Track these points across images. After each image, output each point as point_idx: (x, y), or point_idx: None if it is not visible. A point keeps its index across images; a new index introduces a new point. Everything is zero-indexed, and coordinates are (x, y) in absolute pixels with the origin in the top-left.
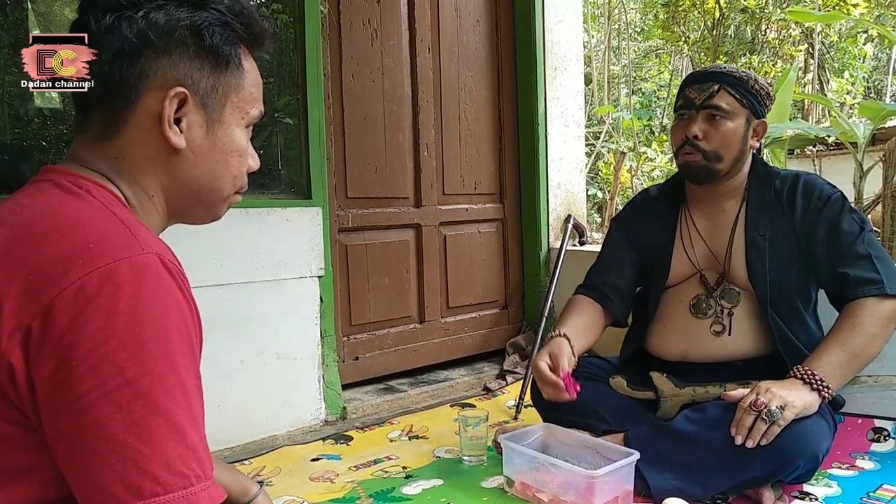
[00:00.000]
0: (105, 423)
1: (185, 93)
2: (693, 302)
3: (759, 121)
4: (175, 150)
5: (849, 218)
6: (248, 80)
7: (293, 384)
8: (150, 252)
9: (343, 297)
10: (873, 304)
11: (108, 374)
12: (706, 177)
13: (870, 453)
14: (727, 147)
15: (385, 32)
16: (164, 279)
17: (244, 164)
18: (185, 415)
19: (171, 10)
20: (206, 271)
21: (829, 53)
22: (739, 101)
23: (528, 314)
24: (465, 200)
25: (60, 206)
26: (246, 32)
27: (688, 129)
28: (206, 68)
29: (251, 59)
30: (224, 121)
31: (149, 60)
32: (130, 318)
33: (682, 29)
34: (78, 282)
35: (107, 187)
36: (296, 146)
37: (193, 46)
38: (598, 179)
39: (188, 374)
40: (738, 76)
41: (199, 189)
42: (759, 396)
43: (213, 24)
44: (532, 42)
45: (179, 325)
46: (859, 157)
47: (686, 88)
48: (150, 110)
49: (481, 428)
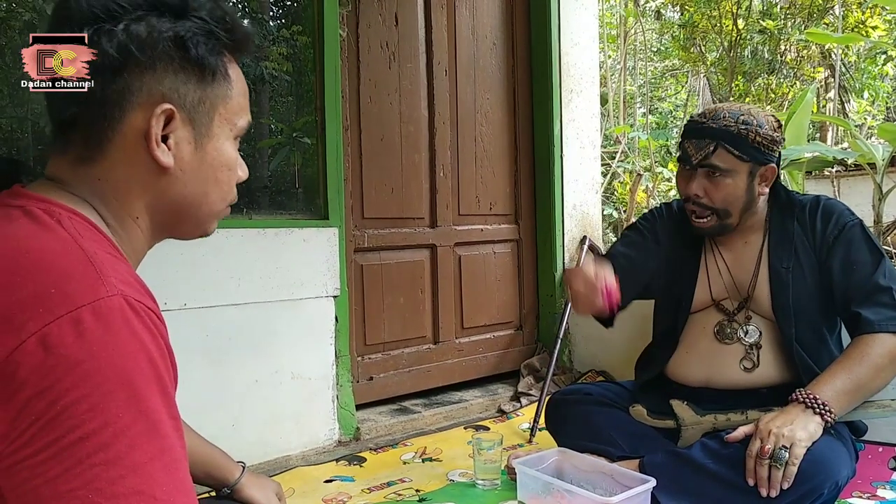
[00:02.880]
0: (64, 479)
1: (172, 109)
2: (717, 328)
3: (764, 167)
4: (163, 169)
5: (865, 248)
6: (235, 89)
7: (307, 404)
8: (114, 294)
9: (358, 317)
10: (885, 338)
11: (67, 429)
12: (720, 233)
13: (891, 482)
14: (731, 202)
15: (402, 55)
16: (130, 321)
17: (234, 178)
18: (156, 461)
19: (152, 22)
20: (224, 291)
21: (848, 73)
22: (739, 158)
23: (542, 335)
24: (480, 221)
25: (26, 241)
26: (230, 39)
27: (688, 188)
28: (193, 81)
29: (236, 65)
30: (212, 134)
31: (132, 76)
32: (92, 367)
33: (701, 49)
34: (38, 333)
35: (81, 214)
36: (313, 166)
37: (178, 59)
38: (613, 199)
39: (160, 417)
40: (735, 133)
41: (189, 206)
42: (763, 443)
43: (197, 34)
44: (548, 65)
45: (146, 369)
46: (878, 178)
47: (685, 141)
48: (135, 129)
49: (495, 451)
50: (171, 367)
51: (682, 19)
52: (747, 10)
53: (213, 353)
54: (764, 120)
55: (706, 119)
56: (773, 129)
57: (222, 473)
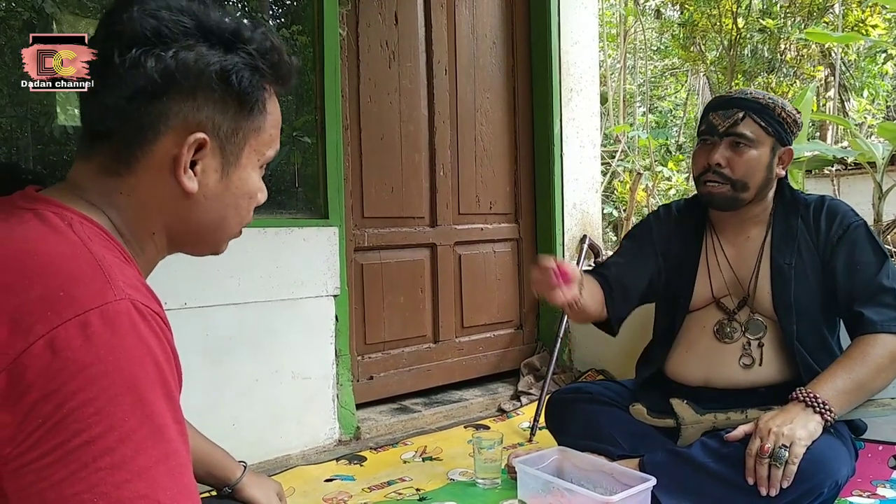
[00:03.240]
0: (69, 482)
1: (205, 138)
2: (717, 327)
3: (784, 148)
4: (187, 193)
5: (869, 248)
6: (269, 121)
7: (308, 403)
8: (122, 298)
9: (358, 317)
10: (887, 339)
11: (73, 432)
12: (730, 206)
13: (891, 481)
14: (751, 176)
15: (402, 54)
16: (137, 325)
17: (253, 204)
18: (160, 466)
19: (202, 51)
20: (225, 290)
21: (848, 72)
22: (765, 130)
23: (542, 335)
24: (480, 220)
25: (35, 243)
26: (274, 74)
27: (710, 157)
28: (230, 113)
29: (275, 98)
30: (241, 164)
31: (172, 101)
32: (99, 371)
33: (700, 48)
34: (46, 336)
35: (94, 221)
36: (313, 166)
37: (220, 91)
38: (613, 198)
39: (165, 421)
40: (763, 103)
41: (206, 230)
42: (763, 442)
43: (242, 69)
44: (548, 64)
45: (151, 373)
46: (878, 177)
47: (710, 113)
48: (166, 152)
49: (496, 450)
50: (177, 371)
51: (682, 18)
52: (747, 8)
53: (213, 352)
54: (787, 103)
55: (734, 93)
56: (795, 112)
57: (223, 473)
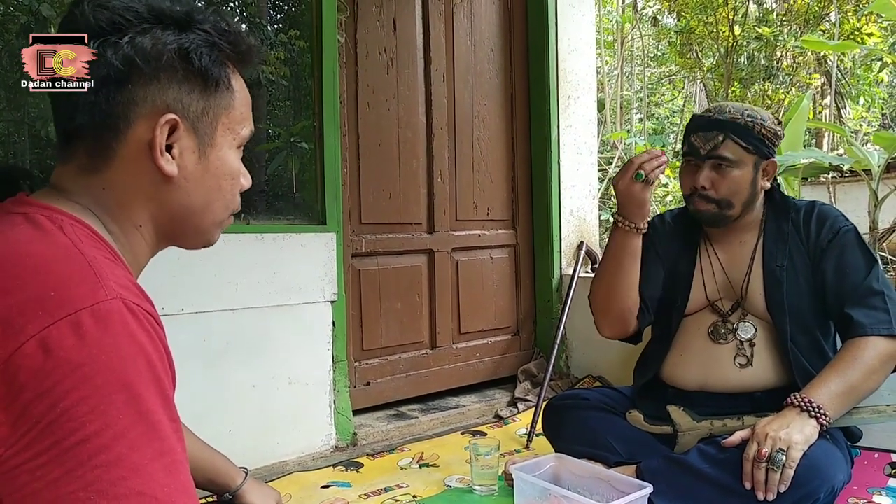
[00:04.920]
0: (65, 481)
1: (175, 119)
2: (711, 329)
3: (767, 161)
4: (167, 178)
5: (858, 252)
6: (238, 99)
7: (304, 409)
8: (113, 297)
9: (355, 322)
10: (877, 341)
11: (68, 431)
12: (717, 223)
13: (887, 489)
14: (735, 194)
15: (400, 61)
16: (129, 324)
17: (237, 186)
18: (156, 462)
19: (157, 34)
20: (222, 296)
21: (844, 79)
22: (746, 149)
23: (540, 341)
24: (477, 226)
25: (27, 245)
26: (234, 51)
27: (695, 180)
28: (196, 91)
29: (239, 77)
30: (216, 144)
31: (137, 87)
32: (92, 369)
33: (697, 55)
34: (38, 335)
35: (83, 222)
36: (311, 171)
37: (182, 70)
38: (610, 204)
39: (160, 419)
40: (743, 124)
41: (192, 215)
42: (760, 446)
43: (200, 45)
44: (545, 71)
45: (145, 372)
46: (874, 185)
47: (691, 135)
48: (140, 139)
49: (493, 457)
50: (170, 369)
51: (679, 25)
52: (744, 16)
53: (210, 358)
54: (766, 115)
55: (712, 113)
56: (775, 124)
57: (223, 479)
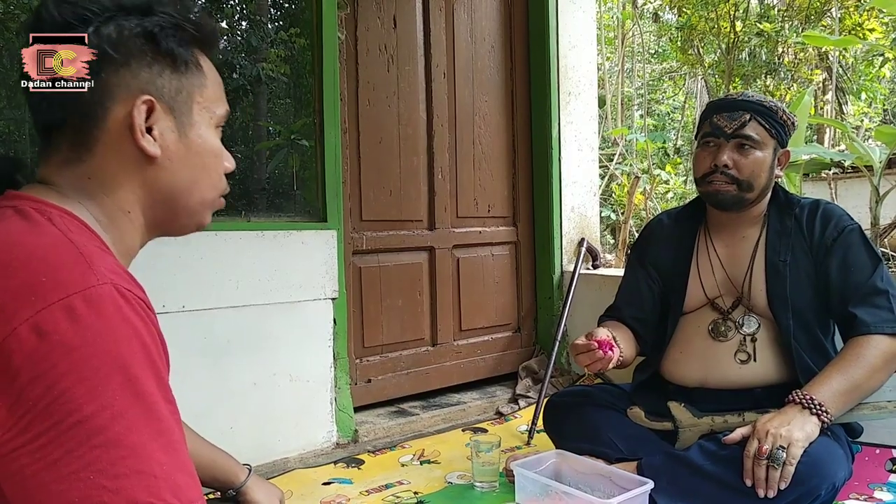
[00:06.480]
0: (65, 461)
1: (151, 100)
2: (711, 326)
3: (782, 150)
4: (150, 159)
5: (863, 251)
6: (210, 79)
7: (305, 406)
8: (104, 283)
9: (356, 320)
10: (880, 340)
11: (66, 413)
12: (735, 205)
13: (888, 484)
14: (757, 176)
15: (401, 58)
16: (121, 308)
17: (220, 166)
18: (154, 442)
19: (120, 21)
20: (223, 293)
21: (846, 75)
22: (768, 132)
23: (540, 338)
24: (478, 223)
25: (17, 235)
26: (197, 32)
27: (717, 158)
28: (167, 72)
29: (207, 59)
30: (194, 122)
31: (109, 74)
32: (87, 352)
33: (698, 51)
34: (31, 319)
35: (71, 213)
36: (312, 169)
37: (150, 53)
38: (611, 201)
39: (156, 399)
40: (767, 106)
41: (180, 195)
42: (761, 443)
43: (165, 27)
44: (546, 67)
45: (139, 354)
46: (875, 181)
47: (714, 115)
48: (119, 123)
49: (494, 453)
50: (164, 352)
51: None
52: (745, 12)
53: (211, 355)
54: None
55: (735, 96)
56: (792, 114)
57: (227, 477)
